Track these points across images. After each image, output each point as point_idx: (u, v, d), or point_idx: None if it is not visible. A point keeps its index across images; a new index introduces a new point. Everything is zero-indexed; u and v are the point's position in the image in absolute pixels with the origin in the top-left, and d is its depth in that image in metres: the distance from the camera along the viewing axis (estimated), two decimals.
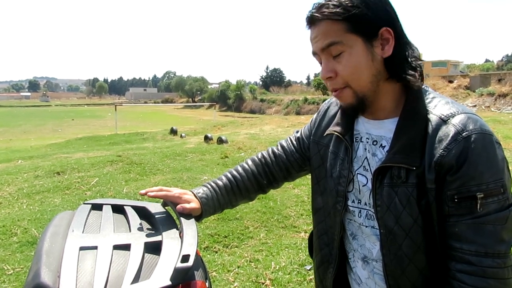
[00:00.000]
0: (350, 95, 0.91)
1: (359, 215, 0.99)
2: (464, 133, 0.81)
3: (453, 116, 0.84)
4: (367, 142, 0.98)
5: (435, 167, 0.83)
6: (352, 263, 1.05)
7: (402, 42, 0.90)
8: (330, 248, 1.07)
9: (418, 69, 0.92)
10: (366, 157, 0.97)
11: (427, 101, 0.90)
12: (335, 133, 1.04)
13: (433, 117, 0.86)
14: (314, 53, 0.94)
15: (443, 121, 0.85)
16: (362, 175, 0.97)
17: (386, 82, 0.92)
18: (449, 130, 0.83)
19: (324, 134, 1.09)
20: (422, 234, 0.87)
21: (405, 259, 0.89)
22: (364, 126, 1.00)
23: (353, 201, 1.00)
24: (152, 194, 1.04)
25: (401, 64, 0.90)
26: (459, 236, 0.82)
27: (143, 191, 1.05)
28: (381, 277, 0.97)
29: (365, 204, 0.97)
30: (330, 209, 1.04)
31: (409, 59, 0.91)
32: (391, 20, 0.89)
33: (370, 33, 0.87)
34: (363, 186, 0.97)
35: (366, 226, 0.97)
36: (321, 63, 0.94)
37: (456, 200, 0.81)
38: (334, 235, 1.05)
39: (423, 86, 0.93)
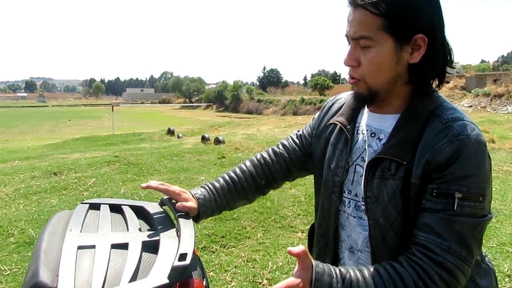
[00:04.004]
0: (364, 88, 0.93)
1: (349, 206, 1.01)
2: (460, 137, 0.83)
3: (453, 121, 0.87)
4: (366, 133, 1.00)
5: (424, 164, 0.85)
6: (340, 254, 1.07)
7: (435, 49, 0.88)
8: (326, 239, 1.09)
9: (441, 75, 0.93)
10: (365, 149, 0.99)
11: (432, 104, 0.91)
12: (338, 123, 1.05)
13: (433, 119, 0.89)
14: (346, 36, 0.93)
15: (442, 123, 0.87)
16: (360, 165, 0.99)
17: (402, 85, 0.93)
18: (445, 132, 0.85)
19: (327, 124, 1.11)
20: (405, 227, 0.89)
21: (389, 251, 0.91)
22: (367, 118, 1.02)
23: (344, 192, 1.02)
24: (154, 185, 1.05)
25: (425, 72, 0.90)
26: (428, 227, 0.83)
27: (144, 185, 1.06)
28: None
29: (355, 195, 0.99)
30: (325, 200, 1.06)
31: (437, 66, 0.90)
32: (431, 27, 0.87)
33: (403, 37, 0.86)
34: (360, 176, 0.99)
35: (354, 217, 1.00)
36: (349, 44, 0.93)
37: (434, 194, 0.83)
38: (329, 226, 1.07)
39: (432, 89, 0.94)
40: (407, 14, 0.84)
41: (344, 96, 1.14)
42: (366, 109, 1.03)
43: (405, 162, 0.87)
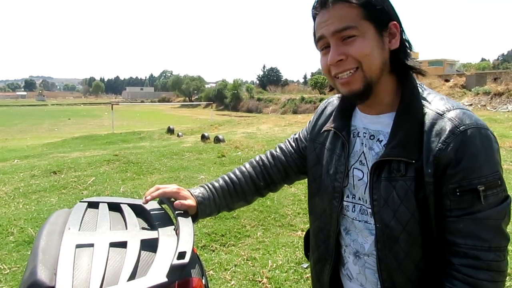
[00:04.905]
0: (360, 79, 0.89)
1: (353, 210, 1.00)
2: (461, 127, 0.83)
3: (449, 111, 0.86)
4: (364, 136, 0.98)
5: (433, 161, 0.84)
6: (345, 259, 1.06)
7: (403, 39, 0.93)
8: (327, 245, 1.07)
9: (417, 65, 0.95)
10: (363, 152, 0.98)
11: (422, 96, 0.92)
12: (332, 129, 1.05)
13: (429, 112, 0.88)
14: (321, 38, 0.91)
15: (439, 115, 0.86)
16: (358, 169, 0.98)
17: (387, 75, 0.93)
18: (445, 124, 0.84)
19: (321, 131, 1.10)
20: (419, 228, 0.88)
21: (401, 254, 0.90)
22: (362, 121, 1.00)
23: (348, 196, 1.01)
24: (149, 198, 1.03)
25: (405, 58, 0.93)
26: (463, 232, 0.83)
27: (144, 201, 1.04)
28: (372, 272, 0.97)
29: (360, 199, 0.98)
30: (326, 206, 1.05)
31: (409, 52, 0.94)
32: (397, 15, 0.92)
33: (382, 23, 0.89)
34: (358, 180, 0.98)
35: (359, 221, 0.98)
36: (322, 50, 0.93)
37: (458, 193, 0.83)
38: (330, 232, 1.05)
39: (418, 83, 0.95)
40: (379, 2, 0.89)
41: (337, 98, 1.13)
42: (359, 112, 1.02)
43: (413, 161, 0.86)
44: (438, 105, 0.89)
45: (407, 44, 0.94)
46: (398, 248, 0.90)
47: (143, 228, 0.92)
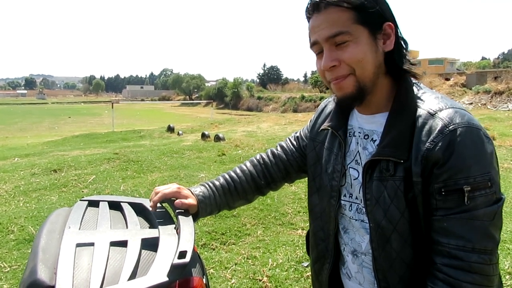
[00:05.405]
0: (352, 84, 0.89)
1: (350, 209, 1.00)
2: (451, 126, 0.81)
3: (441, 110, 0.85)
4: (359, 136, 0.99)
5: (421, 161, 0.83)
6: (344, 258, 1.06)
7: (399, 38, 0.92)
8: (326, 243, 1.07)
9: (414, 64, 0.94)
10: (358, 151, 0.98)
11: (417, 96, 0.91)
12: (329, 128, 1.05)
13: (421, 111, 0.87)
14: (315, 43, 0.91)
15: (431, 115, 0.85)
16: (354, 168, 0.98)
17: (382, 76, 0.93)
18: (436, 124, 0.83)
19: (319, 130, 1.10)
20: (409, 227, 0.87)
21: (393, 253, 0.90)
22: (357, 120, 1.01)
23: (345, 195, 1.01)
24: (152, 204, 1.03)
25: (400, 59, 0.92)
26: (447, 231, 0.82)
27: (152, 210, 1.03)
28: (369, 271, 0.98)
29: (356, 198, 0.98)
30: (325, 204, 1.05)
31: (405, 52, 0.93)
32: (392, 15, 0.91)
33: (375, 25, 0.88)
34: (354, 179, 0.98)
35: (356, 220, 0.98)
36: (317, 54, 0.93)
37: (443, 193, 0.81)
38: (329, 231, 1.06)
39: (415, 82, 0.95)
40: (373, 4, 0.87)
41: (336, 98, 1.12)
42: (356, 111, 1.02)
43: (402, 161, 0.86)
44: (431, 104, 0.88)
45: (403, 44, 0.93)
46: (390, 248, 0.90)
47: (144, 227, 0.92)
